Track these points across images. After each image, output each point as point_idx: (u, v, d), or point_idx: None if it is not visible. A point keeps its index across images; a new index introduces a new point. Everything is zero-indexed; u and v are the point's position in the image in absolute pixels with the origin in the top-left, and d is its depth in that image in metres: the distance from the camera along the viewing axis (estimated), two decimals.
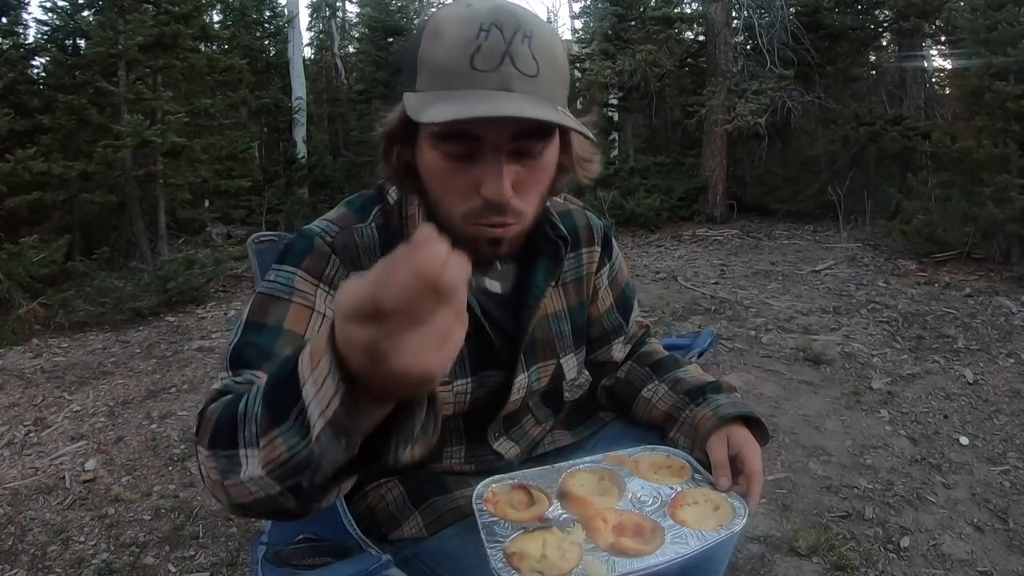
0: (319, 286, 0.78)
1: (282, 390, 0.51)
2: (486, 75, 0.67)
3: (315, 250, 0.80)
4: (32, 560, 1.91)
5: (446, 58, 0.68)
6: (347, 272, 0.79)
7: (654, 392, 1.00)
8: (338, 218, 0.84)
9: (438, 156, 0.72)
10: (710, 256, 6.08)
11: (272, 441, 0.52)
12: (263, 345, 0.73)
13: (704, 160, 7.92)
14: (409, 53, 0.73)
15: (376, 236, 0.82)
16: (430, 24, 0.70)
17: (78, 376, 3.46)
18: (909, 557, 1.81)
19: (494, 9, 0.69)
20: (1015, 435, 2.47)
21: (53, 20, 6.37)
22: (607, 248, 1.01)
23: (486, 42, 0.67)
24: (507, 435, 0.97)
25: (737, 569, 1.74)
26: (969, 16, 5.34)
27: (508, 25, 0.67)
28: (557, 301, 0.95)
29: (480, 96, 0.66)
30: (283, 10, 10.01)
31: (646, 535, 0.73)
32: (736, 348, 3.48)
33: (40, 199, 5.23)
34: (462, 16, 0.68)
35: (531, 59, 0.68)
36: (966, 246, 5.07)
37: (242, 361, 0.72)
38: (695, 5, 9.46)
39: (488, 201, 0.71)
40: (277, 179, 8.71)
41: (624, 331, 1.06)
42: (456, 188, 0.73)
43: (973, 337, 3.52)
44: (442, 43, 0.68)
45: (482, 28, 0.67)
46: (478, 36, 0.67)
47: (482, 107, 0.64)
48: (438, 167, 0.73)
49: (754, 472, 0.82)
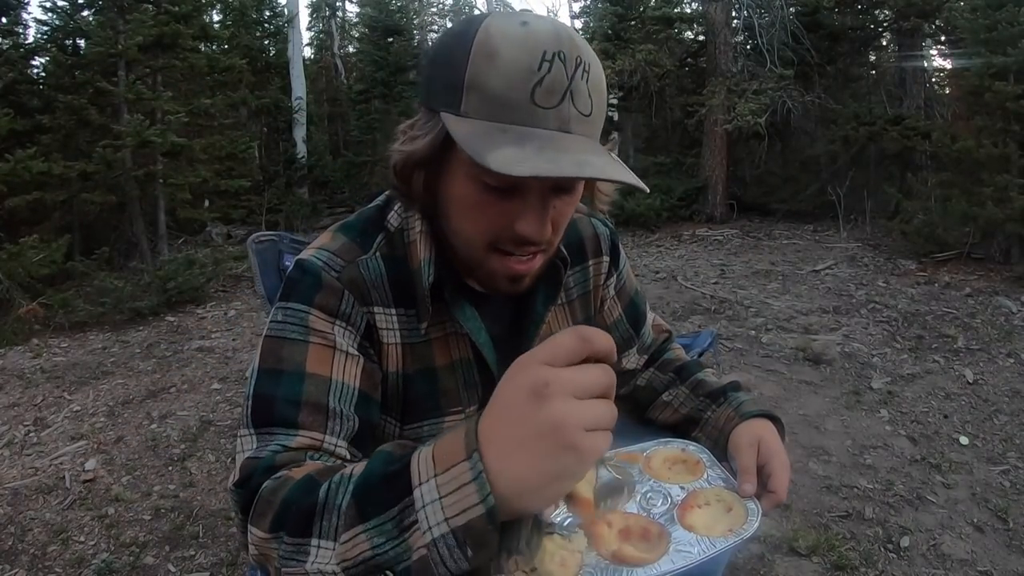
0: (335, 323, 0.73)
1: (384, 487, 0.51)
2: (547, 112, 0.63)
3: (325, 285, 0.74)
4: (32, 560, 1.91)
5: (504, 87, 0.62)
6: (360, 309, 0.74)
7: (675, 396, 0.99)
8: (339, 249, 0.77)
9: (476, 187, 0.67)
10: (710, 256, 6.08)
11: (356, 537, 0.51)
12: (287, 397, 0.68)
13: (704, 160, 7.92)
14: (448, 67, 0.65)
15: (382, 268, 0.77)
16: (480, 40, 0.63)
17: (78, 376, 3.47)
18: (909, 557, 1.81)
19: (554, 35, 0.64)
20: (1015, 435, 2.47)
21: (53, 20, 6.37)
22: (615, 256, 0.98)
23: (548, 75, 0.62)
24: None
25: (737, 569, 1.74)
26: (969, 16, 5.34)
27: (570, 57, 0.63)
28: (562, 319, 0.92)
29: (546, 141, 0.62)
30: (283, 10, 10.01)
31: (652, 540, 0.71)
32: (736, 348, 3.48)
33: (40, 199, 5.23)
34: (521, 39, 0.63)
35: (588, 97, 0.65)
36: (966, 246, 5.07)
37: (267, 419, 0.68)
38: (695, 5, 9.48)
39: (522, 237, 0.69)
40: (277, 179, 8.72)
41: (635, 342, 1.03)
42: (487, 220, 0.69)
43: (973, 337, 3.52)
44: (499, 68, 0.62)
45: (545, 58, 0.62)
46: (540, 67, 0.62)
47: (564, 163, 0.60)
48: (473, 198, 0.68)
49: (779, 488, 0.79)
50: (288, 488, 0.58)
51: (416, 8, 17.42)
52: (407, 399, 0.81)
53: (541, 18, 0.66)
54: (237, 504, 0.64)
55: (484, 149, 0.60)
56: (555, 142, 0.62)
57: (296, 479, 0.59)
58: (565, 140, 0.63)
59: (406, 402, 0.80)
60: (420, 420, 0.81)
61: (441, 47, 0.68)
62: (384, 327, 0.77)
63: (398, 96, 9.74)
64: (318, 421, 0.68)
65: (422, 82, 0.71)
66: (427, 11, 19.70)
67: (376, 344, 0.76)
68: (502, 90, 0.62)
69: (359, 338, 0.74)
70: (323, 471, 0.59)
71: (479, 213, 0.69)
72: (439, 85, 0.67)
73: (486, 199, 0.67)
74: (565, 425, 0.46)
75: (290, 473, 0.61)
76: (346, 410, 0.70)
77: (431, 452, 0.50)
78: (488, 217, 0.69)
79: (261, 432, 0.67)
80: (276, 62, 9.71)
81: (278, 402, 0.68)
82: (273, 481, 0.61)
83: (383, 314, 0.76)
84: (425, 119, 0.69)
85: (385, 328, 0.77)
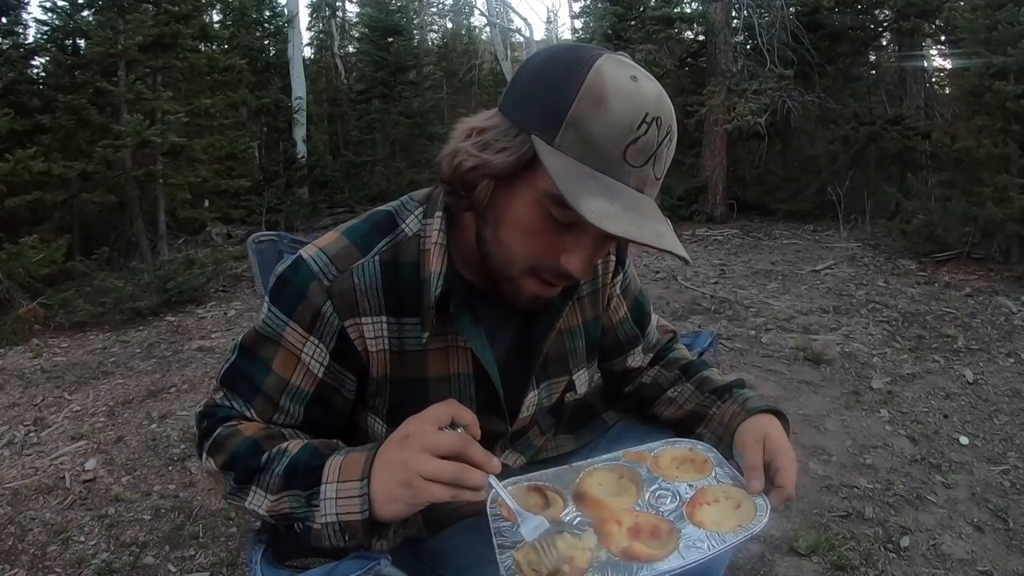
0: (308, 339, 0.78)
1: (303, 474, 0.72)
2: (631, 170, 0.66)
3: (307, 299, 0.76)
4: (32, 560, 1.91)
5: (604, 137, 0.64)
6: (341, 320, 0.77)
7: (680, 392, 0.99)
8: (338, 254, 0.78)
9: (540, 215, 0.69)
10: (710, 256, 6.08)
11: (281, 498, 0.73)
12: (253, 379, 0.81)
13: (704, 160, 7.92)
14: (552, 94, 0.66)
15: (377, 272, 0.78)
16: (593, 82, 0.64)
17: (78, 376, 3.47)
18: (909, 557, 1.81)
19: (658, 99, 0.67)
20: (1015, 435, 2.47)
21: (53, 20, 6.36)
22: (621, 257, 0.99)
23: (644, 136, 0.65)
24: (513, 447, 0.97)
25: (737, 569, 1.74)
26: (969, 16, 5.34)
27: (664, 124, 0.67)
28: (572, 317, 0.93)
29: (630, 201, 0.66)
30: (283, 10, 10.01)
31: (662, 537, 0.71)
32: (736, 348, 3.48)
33: (40, 199, 5.23)
34: (629, 94, 0.65)
35: (663, 165, 0.69)
36: (966, 246, 5.07)
37: (233, 386, 0.82)
38: (695, 5, 9.47)
39: (564, 271, 0.71)
40: (277, 179, 8.72)
41: (640, 341, 1.04)
42: (537, 246, 0.71)
43: (973, 337, 3.53)
44: (603, 116, 0.64)
45: (645, 120, 0.65)
46: (639, 127, 0.65)
47: (646, 229, 0.65)
48: (533, 223, 0.70)
49: (787, 483, 0.80)
50: (238, 442, 0.77)
51: (416, 8, 17.43)
52: (393, 402, 0.82)
53: (650, 78, 0.68)
54: (197, 426, 0.83)
55: (577, 193, 0.63)
56: (637, 204, 0.66)
57: (245, 435, 0.78)
58: (643, 203, 0.67)
59: (392, 405, 0.83)
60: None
61: (548, 70, 0.69)
62: (370, 336, 0.79)
63: (398, 96, 9.74)
64: (268, 410, 0.81)
65: (515, 95, 0.71)
66: (427, 11, 19.71)
67: (361, 353, 0.80)
68: (601, 139, 0.64)
69: (327, 356, 0.80)
70: (266, 437, 0.77)
71: (533, 238, 0.71)
72: (537, 108, 0.67)
73: (544, 227, 0.70)
74: (407, 468, 0.66)
75: (240, 427, 0.79)
76: (294, 409, 0.81)
77: (340, 463, 0.71)
78: (540, 244, 0.71)
79: (226, 391, 0.82)
80: (276, 62, 9.70)
81: (244, 380, 0.81)
82: (226, 428, 0.79)
83: (371, 323, 0.79)
84: (511, 134, 0.68)
85: (372, 337, 0.79)
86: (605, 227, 0.62)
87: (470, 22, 21.54)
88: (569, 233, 0.70)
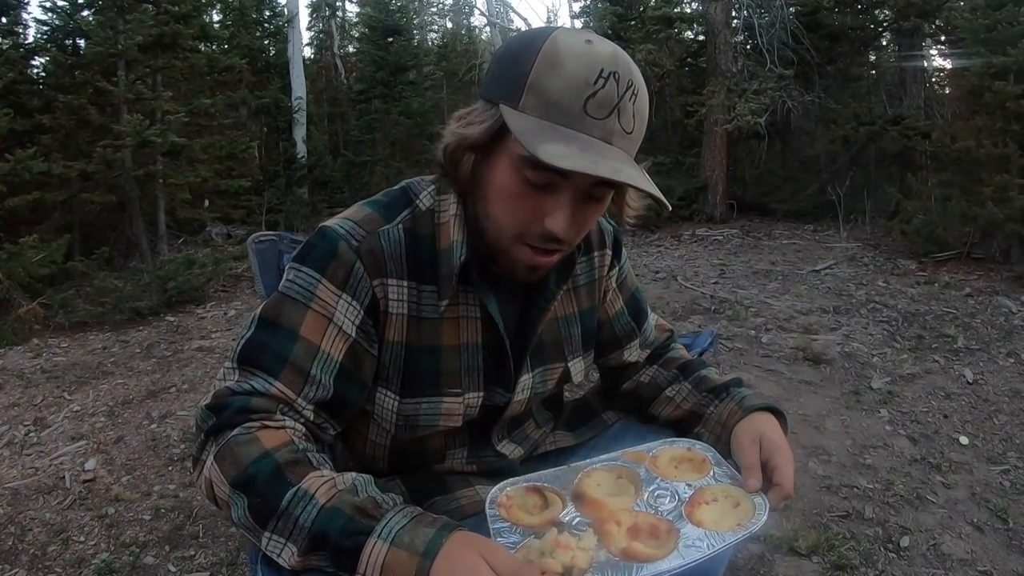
0: (341, 296, 0.78)
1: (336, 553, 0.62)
2: (594, 122, 0.70)
3: (339, 256, 0.78)
4: (32, 560, 1.91)
5: (561, 94, 0.69)
6: (371, 280, 0.78)
7: (678, 392, 1.00)
8: (363, 220, 0.81)
9: (516, 178, 0.73)
10: (710, 256, 6.08)
11: (308, 559, 0.64)
12: (278, 350, 0.75)
13: (704, 160, 7.92)
14: (513, 66, 0.72)
15: (402, 238, 0.81)
16: (547, 48, 0.70)
17: (78, 376, 3.46)
18: (909, 557, 1.81)
19: (613, 56, 0.71)
20: (1015, 435, 2.47)
21: (53, 20, 6.37)
22: (617, 251, 1.02)
23: (602, 90, 0.69)
24: (510, 437, 0.97)
25: (737, 569, 1.74)
26: (969, 16, 5.34)
27: (623, 78, 0.70)
28: (568, 304, 0.95)
29: (589, 145, 0.69)
30: (283, 10, 10.00)
31: (661, 536, 0.71)
32: (736, 348, 3.48)
33: (40, 199, 5.22)
34: (583, 53, 0.70)
35: (631, 118, 0.72)
36: (966, 246, 5.07)
37: (253, 361, 0.75)
38: (695, 5, 9.47)
39: (549, 233, 0.74)
40: (277, 179, 8.71)
41: (636, 335, 1.05)
42: (520, 211, 0.75)
43: (973, 337, 3.53)
44: (560, 76, 0.69)
45: (601, 75, 0.69)
46: (596, 81, 0.69)
47: (602, 166, 0.67)
48: (511, 188, 0.74)
49: (784, 481, 0.80)
50: (257, 456, 0.67)
51: (416, 8, 17.42)
52: (407, 372, 0.83)
53: (604, 40, 0.73)
54: (202, 423, 0.72)
55: (535, 141, 0.67)
56: (597, 148, 0.69)
57: (266, 448, 0.67)
58: (606, 148, 0.70)
59: (406, 375, 0.83)
60: (418, 396, 0.84)
61: (509, 49, 0.76)
62: (394, 298, 0.80)
63: (398, 96, 9.73)
64: (296, 383, 0.74)
65: (485, 77, 0.78)
66: (427, 11, 19.70)
67: (381, 314, 0.80)
68: (559, 95, 0.69)
69: (361, 314, 0.78)
70: (290, 463, 0.67)
71: (515, 203, 0.75)
72: (501, 81, 0.74)
73: (524, 191, 0.74)
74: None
75: (259, 435, 0.69)
76: (324, 379, 0.76)
77: (383, 558, 0.60)
78: (522, 209, 0.75)
79: (244, 369, 0.74)
80: (276, 62, 9.70)
81: (268, 352, 0.75)
82: (244, 433, 0.69)
83: (395, 285, 0.80)
84: (483, 108, 0.75)
85: (395, 299, 0.80)
86: (558, 163, 0.65)
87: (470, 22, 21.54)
88: (549, 195, 0.73)
